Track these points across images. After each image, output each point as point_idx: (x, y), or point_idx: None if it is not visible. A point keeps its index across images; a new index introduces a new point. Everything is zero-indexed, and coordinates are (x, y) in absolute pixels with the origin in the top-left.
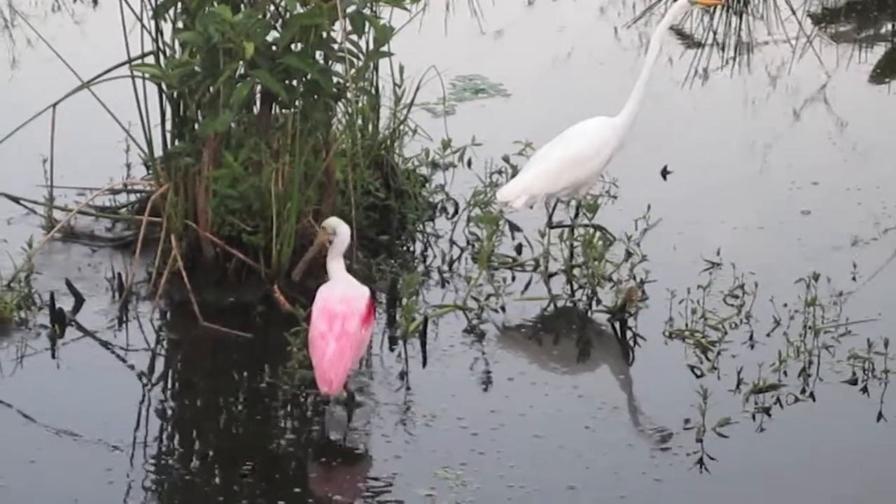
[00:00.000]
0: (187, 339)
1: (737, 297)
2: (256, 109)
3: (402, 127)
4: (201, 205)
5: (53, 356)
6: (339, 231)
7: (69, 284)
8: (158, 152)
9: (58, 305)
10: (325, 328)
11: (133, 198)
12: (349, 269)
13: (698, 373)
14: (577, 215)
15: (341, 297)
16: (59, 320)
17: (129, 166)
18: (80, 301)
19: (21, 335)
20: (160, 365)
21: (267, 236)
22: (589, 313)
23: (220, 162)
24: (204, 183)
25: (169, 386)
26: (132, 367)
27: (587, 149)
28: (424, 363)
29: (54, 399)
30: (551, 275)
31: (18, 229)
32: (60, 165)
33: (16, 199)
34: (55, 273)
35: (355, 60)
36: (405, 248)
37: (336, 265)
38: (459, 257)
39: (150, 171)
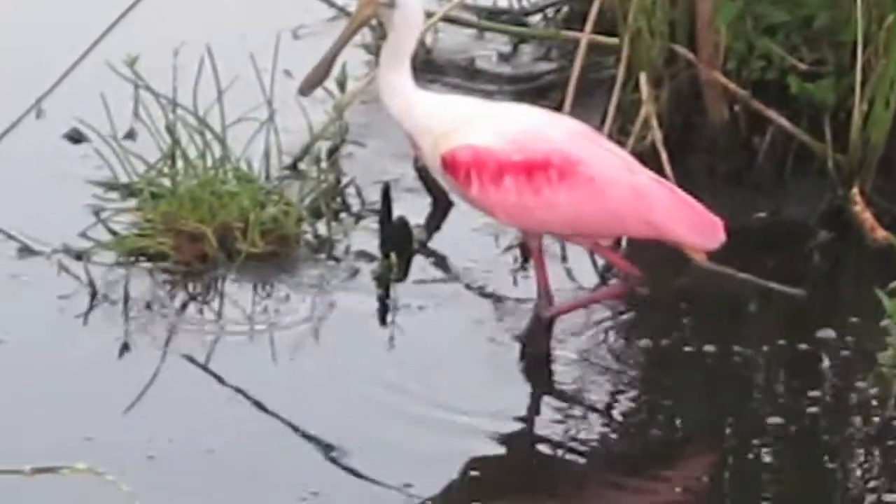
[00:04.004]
0: (672, 293)
1: None
2: None
3: None
4: (705, 14)
5: (384, 322)
6: None
7: (420, 167)
8: None
9: (395, 211)
10: (631, 167)
11: None
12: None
13: None
14: None
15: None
16: (401, 243)
17: None
18: (441, 202)
19: (317, 276)
20: (593, 344)
21: (842, 85)
22: None
23: None
24: None
25: (608, 388)
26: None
27: None
28: None
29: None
30: None
31: (307, 48)
32: None
33: None
34: (389, 145)
35: None
36: None
37: (400, 77)
38: None
39: None
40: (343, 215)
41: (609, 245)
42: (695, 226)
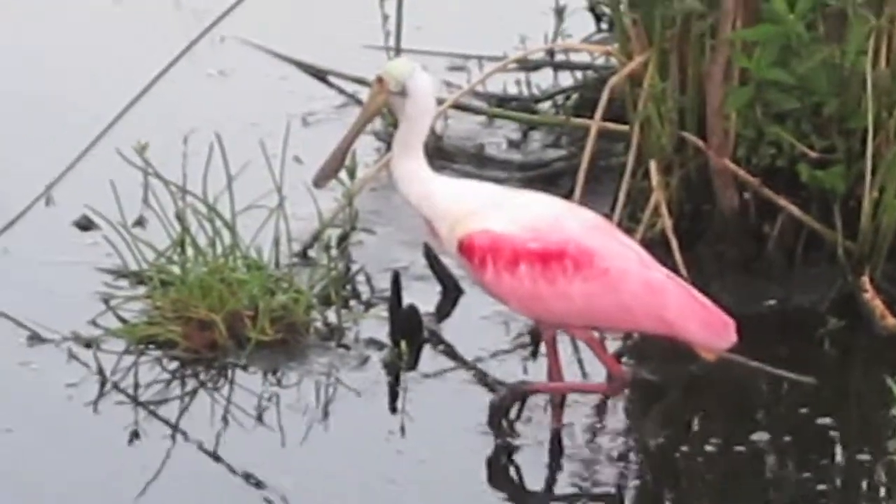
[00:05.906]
0: (673, 378)
1: None
2: None
3: None
4: (715, 101)
5: (394, 410)
6: (413, 85)
7: (429, 255)
8: None
9: (405, 299)
10: (646, 262)
11: (567, 79)
12: None
13: None
14: None
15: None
16: (410, 331)
17: (560, 14)
18: (451, 290)
19: (327, 364)
20: (611, 438)
21: (852, 173)
22: None
23: (757, 12)
24: (722, 53)
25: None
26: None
27: None
28: None
29: None
30: None
31: (316, 135)
32: (412, 5)
33: (322, 76)
34: (398, 233)
35: None
36: None
37: (415, 164)
38: None
39: (611, 28)
40: (353, 303)
41: (602, 341)
42: (707, 325)
